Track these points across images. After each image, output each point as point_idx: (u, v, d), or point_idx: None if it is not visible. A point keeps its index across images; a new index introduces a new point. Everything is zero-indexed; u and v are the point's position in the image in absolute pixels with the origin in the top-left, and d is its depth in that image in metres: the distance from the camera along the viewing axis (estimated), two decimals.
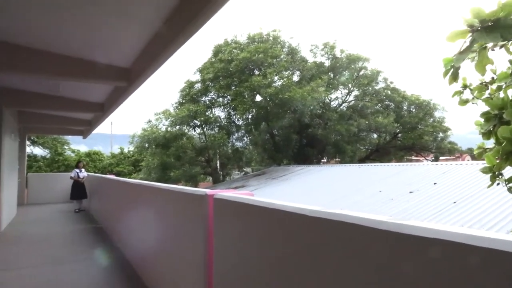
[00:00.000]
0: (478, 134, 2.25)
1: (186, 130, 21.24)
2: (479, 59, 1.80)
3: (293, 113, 19.40)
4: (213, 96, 21.84)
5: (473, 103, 2.38)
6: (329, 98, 22.80)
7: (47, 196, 14.33)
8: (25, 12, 4.33)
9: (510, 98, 2.06)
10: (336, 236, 1.42)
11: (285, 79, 18.96)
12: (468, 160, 25.20)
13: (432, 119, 22.55)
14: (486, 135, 2.18)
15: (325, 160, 24.87)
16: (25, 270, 5.19)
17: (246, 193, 2.43)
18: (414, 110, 22.83)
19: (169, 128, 20.49)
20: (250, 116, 20.50)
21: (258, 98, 19.83)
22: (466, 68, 1.98)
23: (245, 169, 25.15)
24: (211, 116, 20.99)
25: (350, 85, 22.46)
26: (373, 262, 1.25)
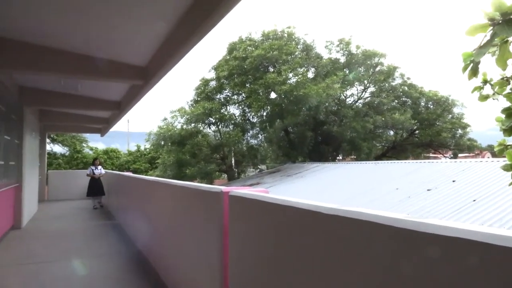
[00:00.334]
0: (499, 131, 2.20)
1: (201, 128, 21.40)
2: (500, 53, 1.75)
3: (308, 110, 19.29)
4: (228, 94, 21.91)
5: (494, 99, 2.32)
6: (345, 95, 22.59)
7: (66, 193, 14.69)
8: (45, 13, 4.44)
9: None
10: (353, 234, 1.41)
11: (300, 76, 18.86)
12: (488, 157, 24.62)
13: (451, 116, 22.09)
14: (507, 132, 2.13)
15: (341, 157, 24.68)
16: (46, 264, 5.34)
17: (261, 190, 2.43)
18: (432, 107, 22.40)
19: (185, 126, 20.67)
20: (265, 114, 20.49)
21: (273, 96, 19.79)
22: (487, 63, 1.93)
23: (260, 167, 25.16)
24: (226, 114, 21.07)
25: (366, 82, 22.18)
26: (391, 261, 1.23)
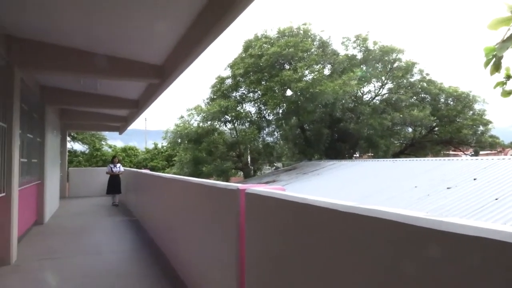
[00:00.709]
0: None
1: (218, 126, 21.49)
2: None
3: (324, 107, 19.12)
4: (244, 92, 21.93)
5: None
6: (362, 92, 22.29)
7: (86, 190, 15.03)
8: (65, 15, 4.53)
9: None
10: (370, 233, 1.40)
11: (316, 73, 18.70)
12: (511, 155, 23.89)
13: (472, 112, 21.51)
14: None
15: (358, 155, 24.39)
16: (67, 259, 5.48)
17: (278, 188, 2.43)
18: (452, 103, 21.87)
19: (201, 124, 20.80)
20: (281, 111, 20.41)
21: (289, 93, 19.68)
22: (510, 58, 1.87)
23: (276, 164, 25.11)
24: (242, 112, 21.10)
25: (384, 78, 21.83)
26: (410, 259, 1.22)
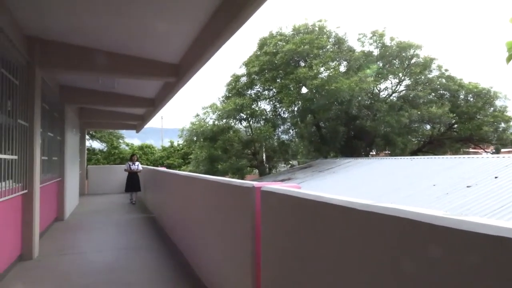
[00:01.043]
0: None
1: (233, 124, 21.55)
2: None
3: (340, 105, 18.93)
4: (259, 89, 21.92)
5: None
6: (378, 89, 21.97)
7: (105, 187, 15.32)
8: (85, 15, 4.62)
9: None
10: (389, 232, 1.38)
11: (332, 70, 18.53)
12: None
13: (493, 109, 20.93)
14: None
15: (374, 153, 24.08)
16: (87, 255, 5.61)
17: (293, 186, 2.42)
18: (472, 99, 21.32)
19: (216, 122, 20.91)
20: (296, 109, 20.31)
21: (304, 90, 19.56)
22: None
23: (291, 162, 25.04)
24: (257, 109, 21.09)
25: (401, 74, 21.46)
26: (428, 259, 1.20)
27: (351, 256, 1.58)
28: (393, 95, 21.97)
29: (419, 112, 19.53)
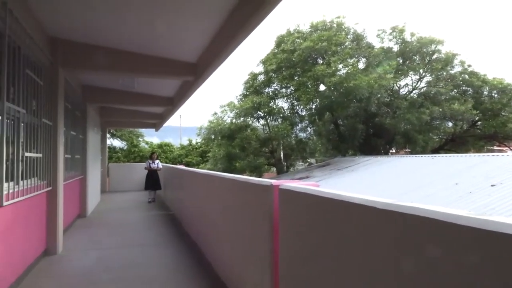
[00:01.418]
0: None
1: (250, 122, 21.59)
2: None
3: (359, 102, 18.66)
4: (276, 87, 21.87)
5: None
6: (398, 85, 21.56)
7: (126, 185, 15.62)
8: (105, 17, 4.71)
9: None
10: (412, 231, 1.35)
11: (350, 67, 18.29)
12: None
13: None
14: None
15: (394, 151, 23.67)
16: (109, 251, 5.73)
17: (312, 184, 2.41)
18: (497, 95, 20.64)
19: (234, 120, 21.00)
20: (314, 106, 20.16)
21: (322, 88, 19.39)
22: None
23: (309, 160, 24.89)
24: (275, 107, 21.05)
25: (422, 71, 20.98)
26: (453, 260, 1.17)
27: (372, 255, 1.56)
28: (414, 92, 21.51)
29: (441, 109, 19.06)
